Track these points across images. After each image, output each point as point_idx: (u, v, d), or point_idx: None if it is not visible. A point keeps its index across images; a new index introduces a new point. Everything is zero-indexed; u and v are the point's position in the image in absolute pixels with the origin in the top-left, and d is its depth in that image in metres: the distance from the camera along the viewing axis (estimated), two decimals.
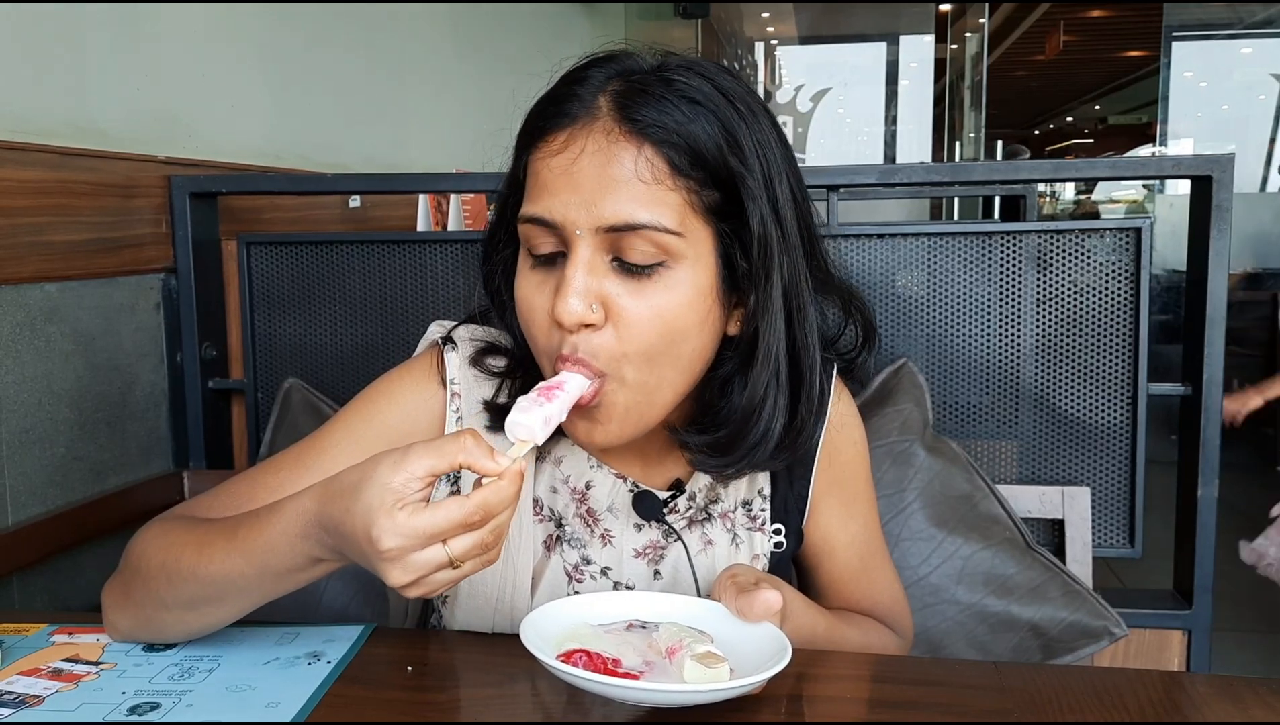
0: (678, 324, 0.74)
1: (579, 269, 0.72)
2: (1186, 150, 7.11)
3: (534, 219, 0.74)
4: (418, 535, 0.62)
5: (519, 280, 0.78)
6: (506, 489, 0.63)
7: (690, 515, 0.89)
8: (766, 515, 0.91)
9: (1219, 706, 0.72)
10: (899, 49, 7.22)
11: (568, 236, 0.73)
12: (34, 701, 0.73)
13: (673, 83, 0.74)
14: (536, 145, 0.75)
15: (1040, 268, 1.42)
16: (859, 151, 7.22)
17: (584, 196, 0.72)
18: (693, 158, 0.73)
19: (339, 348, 1.59)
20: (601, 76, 0.75)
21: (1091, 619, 1.25)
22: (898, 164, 2.61)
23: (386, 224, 2.38)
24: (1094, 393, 1.42)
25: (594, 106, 0.74)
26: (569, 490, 0.88)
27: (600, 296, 0.73)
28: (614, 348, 0.73)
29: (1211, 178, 1.34)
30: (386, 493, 0.63)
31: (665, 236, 0.72)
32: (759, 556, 0.91)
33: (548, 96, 0.77)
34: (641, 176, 0.72)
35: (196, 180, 1.59)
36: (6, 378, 1.30)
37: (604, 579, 0.88)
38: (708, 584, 0.87)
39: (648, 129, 0.72)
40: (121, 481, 1.50)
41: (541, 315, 0.75)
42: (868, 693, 0.76)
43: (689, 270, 0.74)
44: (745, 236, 0.76)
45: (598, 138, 0.72)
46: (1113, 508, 1.43)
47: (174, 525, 0.81)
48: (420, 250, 1.55)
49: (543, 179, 0.74)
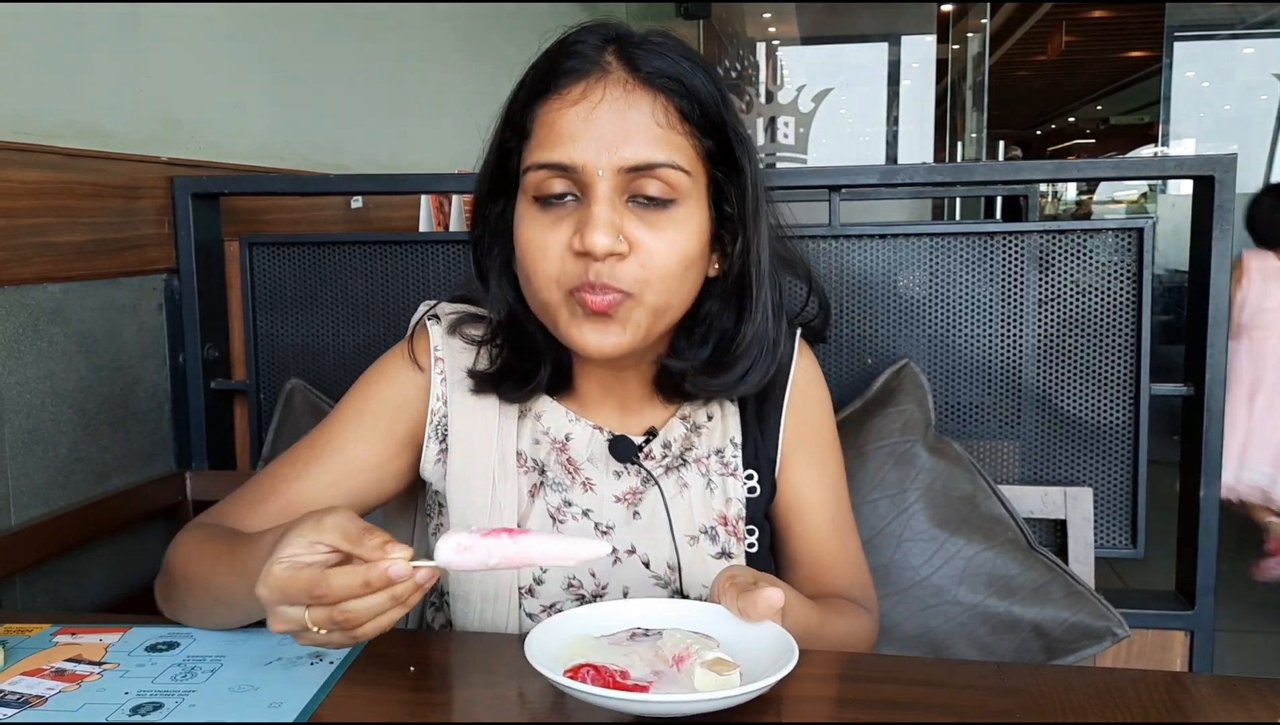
0: (689, 253, 0.83)
1: (603, 206, 0.79)
2: (1188, 150, 7.11)
3: (552, 165, 0.80)
4: (278, 589, 0.67)
5: (524, 224, 0.83)
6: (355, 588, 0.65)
7: (666, 463, 0.94)
8: (739, 461, 0.96)
9: (1222, 707, 0.72)
10: (900, 49, 7.22)
11: (588, 178, 0.80)
12: (37, 702, 0.74)
13: (663, 43, 0.83)
14: (547, 98, 0.82)
15: (1042, 268, 1.42)
16: (860, 152, 7.22)
17: (605, 141, 0.79)
18: (698, 106, 0.82)
19: (341, 348, 1.59)
20: (597, 39, 0.83)
21: (1094, 620, 1.25)
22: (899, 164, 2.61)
23: (389, 225, 2.38)
24: (1096, 393, 1.42)
25: (604, 62, 0.81)
26: (550, 441, 0.94)
27: (622, 230, 0.80)
28: (638, 273, 0.81)
29: (1214, 178, 1.34)
30: (285, 545, 0.68)
31: (678, 175, 0.81)
32: (733, 500, 0.95)
33: (550, 55, 0.83)
34: (658, 121, 0.80)
35: (199, 181, 1.59)
36: (9, 378, 1.30)
37: (585, 520, 0.93)
38: (683, 525, 0.92)
39: (658, 79, 0.80)
40: (124, 482, 1.51)
41: (557, 248, 0.81)
42: (870, 693, 0.76)
43: (693, 208, 0.83)
44: (734, 182, 0.85)
45: (614, 88, 0.80)
46: (1115, 508, 1.43)
47: (200, 535, 0.89)
48: (422, 251, 1.55)
49: (560, 127, 0.80)
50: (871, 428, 1.34)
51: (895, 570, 1.27)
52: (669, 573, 0.92)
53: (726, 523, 0.94)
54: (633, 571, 0.92)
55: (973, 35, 7.53)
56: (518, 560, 0.71)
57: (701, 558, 0.93)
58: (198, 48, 1.74)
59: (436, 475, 0.95)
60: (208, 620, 0.87)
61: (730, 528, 0.94)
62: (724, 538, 0.94)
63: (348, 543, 0.67)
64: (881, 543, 1.28)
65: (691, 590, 0.92)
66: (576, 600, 0.92)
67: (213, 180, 1.61)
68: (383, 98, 2.56)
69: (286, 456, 0.94)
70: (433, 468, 0.95)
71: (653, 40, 0.83)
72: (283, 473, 0.93)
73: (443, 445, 0.94)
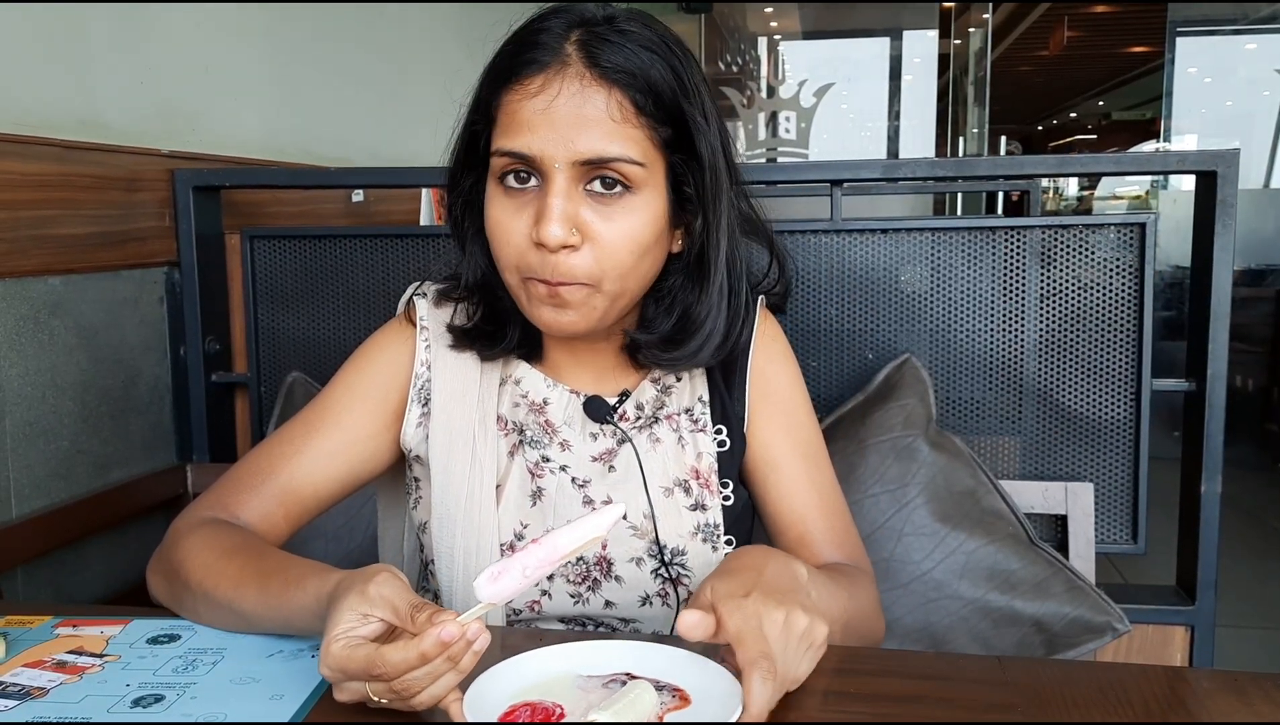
0: (642, 241, 0.85)
1: (558, 197, 0.82)
2: (1191, 146, 7.09)
3: (513, 153, 0.83)
4: (339, 668, 0.67)
5: (491, 206, 0.87)
6: (412, 660, 0.65)
7: (639, 424, 0.98)
8: (707, 418, 0.99)
9: (1223, 701, 0.72)
10: (902, 44, 7.20)
11: (545, 169, 0.82)
12: (39, 694, 0.74)
13: (627, 32, 0.84)
14: (510, 86, 0.84)
15: (1044, 263, 1.42)
16: (862, 147, 7.20)
17: (561, 134, 0.81)
18: (653, 99, 0.83)
19: (342, 342, 1.59)
20: (561, 25, 0.84)
21: (1094, 615, 1.25)
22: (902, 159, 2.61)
23: (389, 218, 2.38)
24: (1097, 388, 1.42)
25: (564, 54, 0.83)
26: (528, 404, 0.97)
27: (576, 222, 0.83)
28: (591, 265, 0.84)
29: (1216, 173, 1.34)
30: (337, 622, 0.67)
31: (631, 167, 0.83)
32: (704, 454, 0.97)
33: (515, 41, 0.86)
34: (612, 116, 0.82)
35: (200, 174, 1.59)
36: (10, 371, 1.30)
37: (562, 475, 0.95)
38: (656, 478, 0.95)
39: (615, 74, 0.82)
40: (125, 475, 1.51)
41: (519, 237, 0.84)
42: (870, 687, 0.76)
43: (649, 195, 0.85)
44: (693, 166, 0.87)
45: (571, 82, 0.82)
46: (1116, 503, 1.43)
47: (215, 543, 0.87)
48: (423, 244, 1.55)
49: (520, 118, 0.83)
50: (873, 422, 1.34)
51: (896, 565, 1.27)
52: (645, 523, 0.94)
53: (699, 476, 0.97)
54: None
55: (974, 30, 7.51)
56: (551, 558, 0.71)
57: (676, 509, 0.95)
58: (199, 41, 1.74)
59: (418, 439, 0.96)
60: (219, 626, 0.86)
61: (703, 481, 0.97)
62: (697, 490, 0.96)
63: (397, 619, 0.68)
64: (882, 537, 1.28)
65: (667, 540, 0.94)
66: None
67: (214, 173, 1.61)
68: (384, 91, 2.56)
69: (281, 434, 0.95)
70: (414, 432, 0.96)
71: (617, 27, 0.84)
72: (279, 451, 0.94)
73: (425, 409, 0.96)
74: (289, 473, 0.93)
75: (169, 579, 0.89)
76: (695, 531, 0.95)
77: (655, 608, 0.94)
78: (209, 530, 0.89)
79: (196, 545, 0.87)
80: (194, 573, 0.85)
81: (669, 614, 0.94)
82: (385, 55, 2.56)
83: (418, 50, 2.78)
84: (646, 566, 0.94)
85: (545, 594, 0.93)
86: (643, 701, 0.67)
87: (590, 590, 0.93)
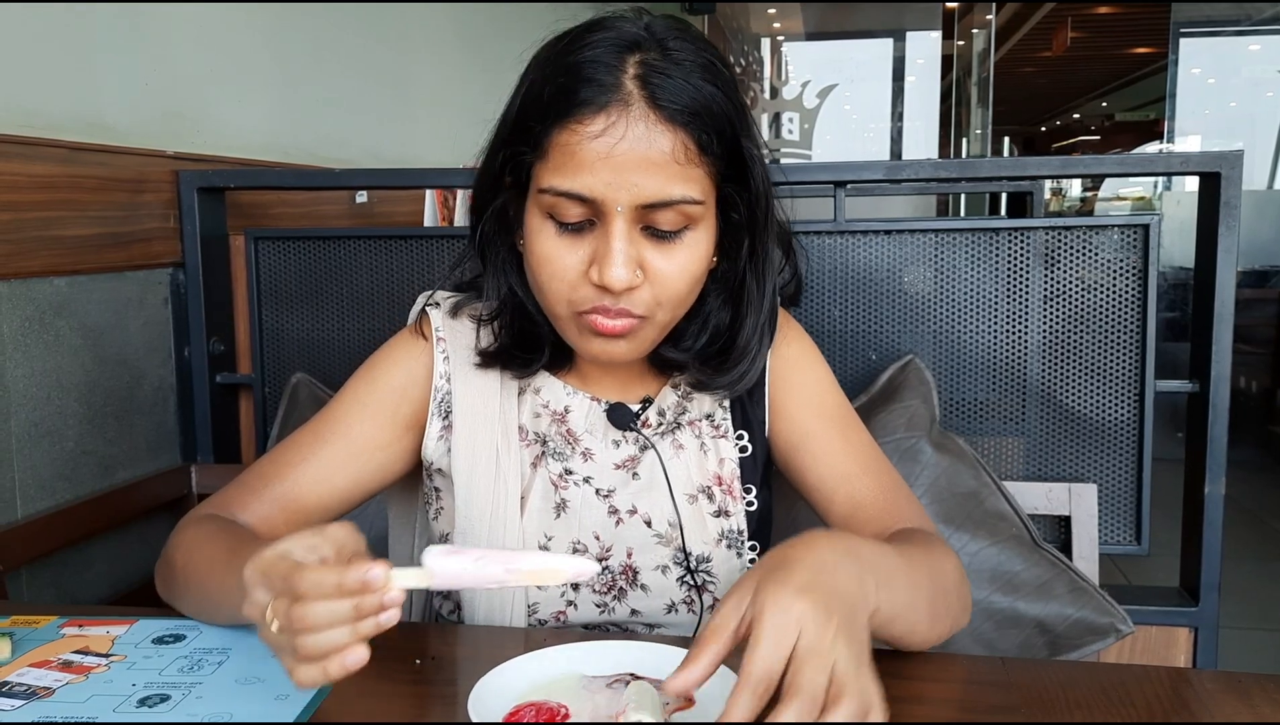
0: (697, 273, 0.85)
1: (621, 241, 0.80)
2: (1194, 147, 7.09)
3: (571, 194, 0.80)
4: (260, 570, 0.66)
5: (540, 240, 0.83)
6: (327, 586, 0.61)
7: (661, 429, 0.97)
8: (729, 423, 0.99)
9: (1227, 703, 0.72)
10: (905, 45, 7.20)
11: (605, 211, 0.80)
12: (45, 693, 0.74)
13: (681, 61, 0.81)
14: (566, 121, 0.80)
15: (1047, 264, 1.42)
16: (865, 148, 7.21)
17: (624, 177, 0.79)
18: (717, 136, 0.81)
19: (346, 343, 1.59)
20: (611, 52, 0.80)
21: (1098, 616, 1.25)
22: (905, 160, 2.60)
23: (393, 219, 2.38)
24: (1101, 389, 1.42)
25: (623, 90, 0.79)
26: (549, 413, 0.96)
27: (638, 261, 0.82)
28: (650, 299, 0.83)
29: (1220, 175, 1.34)
30: (285, 540, 0.67)
31: (693, 207, 0.81)
32: (726, 460, 0.97)
33: (563, 70, 0.81)
34: (677, 159, 0.80)
35: (204, 175, 1.59)
36: (16, 372, 1.30)
37: (586, 487, 0.94)
38: (681, 485, 0.95)
39: (681, 114, 0.79)
40: (130, 475, 1.51)
41: (572, 274, 0.82)
42: None
43: (704, 228, 0.84)
44: (743, 196, 0.86)
45: (636, 125, 0.79)
46: (1119, 505, 1.43)
47: (202, 532, 0.88)
48: (427, 245, 1.55)
49: (579, 158, 0.79)
50: (876, 423, 1.34)
51: None
52: (670, 530, 0.94)
53: (721, 482, 0.97)
54: (635, 531, 0.94)
55: (978, 31, 7.51)
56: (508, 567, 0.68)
57: (700, 516, 0.95)
58: (203, 42, 1.74)
59: (439, 452, 0.95)
60: (202, 616, 0.87)
61: (725, 487, 0.97)
62: (720, 497, 0.96)
63: (338, 558, 0.66)
64: None
65: (693, 547, 0.94)
66: None
67: (218, 174, 1.61)
68: (387, 92, 2.56)
69: (289, 442, 0.95)
70: (435, 445, 0.95)
71: (672, 56, 0.81)
72: (286, 458, 0.93)
73: (446, 422, 0.95)
74: (293, 479, 0.92)
75: (165, 572, 0.90)
76: (720, 538, 0.95)
77: (681, 614, 0.94)
78: (201, 525, 0.89)
79: (187, 539, 0.88)
80: (180, 559, 0.86)
81: (694, 621, 0.94)
82: (389, 56, 2.57)
83: (421, 51, 2.78)
84: (672, 574, 0.94)
85: (571, 604, 0.92)
86: (648, 702, 0.67)
87: (616, 599, 0.93)
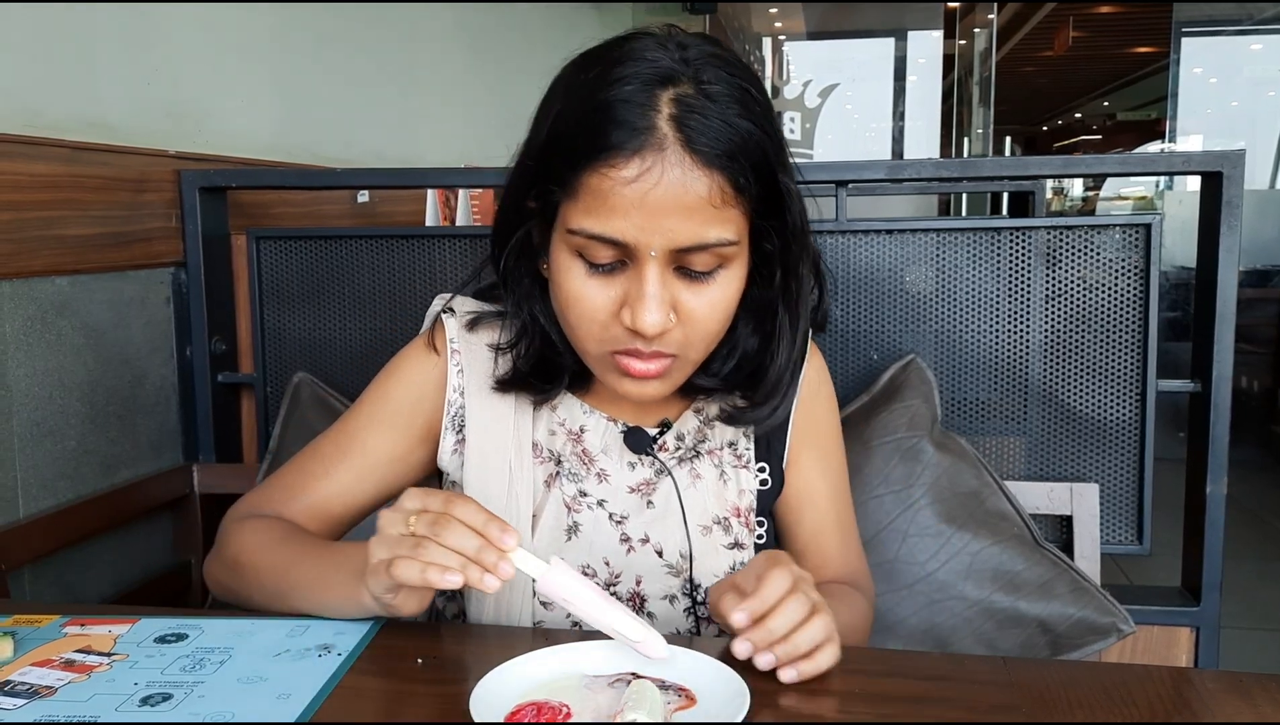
0: (730, 310, 0.84)
1: (655, 285, 0.79)
2: (1196, 147, 7.08)
3: (604, 238, 0.78)
4: (423, 490, 0.75)
5: (568, 278, 0.82)
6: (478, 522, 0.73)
7: (680, 454, 0.96)
8: (751, 454, 0.98)
9: (1229, 702, 0.72)
10: (907, 45, 7.19)
11: (639, 255, 0.78)
12: (47, 692, 0.74)
13: (717, 96, 0.77)
14: (596, 165, 0.77)
15: (1049, 264, 1.42)
16: (866, 147, 7.20)
17: (658, 223, 0.76)
18: (754, 175, 0.79)
19: (348, 342, 1.59)
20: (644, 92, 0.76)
21: (1099, 616, 1.25)
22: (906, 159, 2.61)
23: (395, 219, 2.38)
24: (1102, 389, 1.42)
25: (657, 132, 0.76)
26: (565, 432, 0.95)
27: (672, 303, 0.80)
28: (682, 338, 0.82)
29: (1222, 174, 1.34)
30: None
31: (728, 248, 0.80)
32: (745, 492, 0.96)
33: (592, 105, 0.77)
34: (713, 202, 0.77)
35: (206, 175, 1.59)
36: (18, 371, 1.31)
37: (600, 510, 0.94)
38: (696, 515, 0.94)
39: (717, 158, 0.76)
40: (132, 474, 1.51)
41: (603, 314, 0.81)
42: (875, 687, 0.76)
43: (738, 265, 0.83)
44: (777, 229, 0.84)
45: (671, 169, 0.76)
46: (1121, 504, 1.43)
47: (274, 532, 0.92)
48: (429, 245, 1.55)
49: (613, 201, 0.77)
50: (877, 423, 1.34)
51: (901, 566, 1.27)
52: (681, 562, 0.93)
53: (739, 514, 0.96)
54: (646, 559, 0.93)
55: (979, 31, 7.50)
56: (593, 611, 0.74)
57: (714, 548, 0.94)
58: (205, 42, 1.74)
59: (454, 465, 0.96)
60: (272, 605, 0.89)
61: (743, 519, 0.96)
62: (736, 528, 0.95)
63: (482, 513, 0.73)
64: (887, 538, 1.28)
65: (703, 579, 0.93)
66: None
67: (220, 174, 1.62)
68: (389, 92, 2.56)
69: (312, 451, 0.98)
70: (450, 458, 0.96)
71: (707, 90, 0.77)
72: (310, 469, 0.96)
73: (459, 435, 0.95)
74: (318, 492, 0.95)
75: (227, 570, 0.93)
76: (731, 569, 0.94)
77: None
78: (260, 522, 0.93)
79: (254, 537, 0.91)
80: (251, 556, 0.90)
81: None
82: (391, 56, 2.57)
83: (423, 51, 2.78)
84: (679, 604, 0.94)
85: (576, 626, 0.92)
86: (649, 701, 0.68)
87: None
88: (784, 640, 0.73)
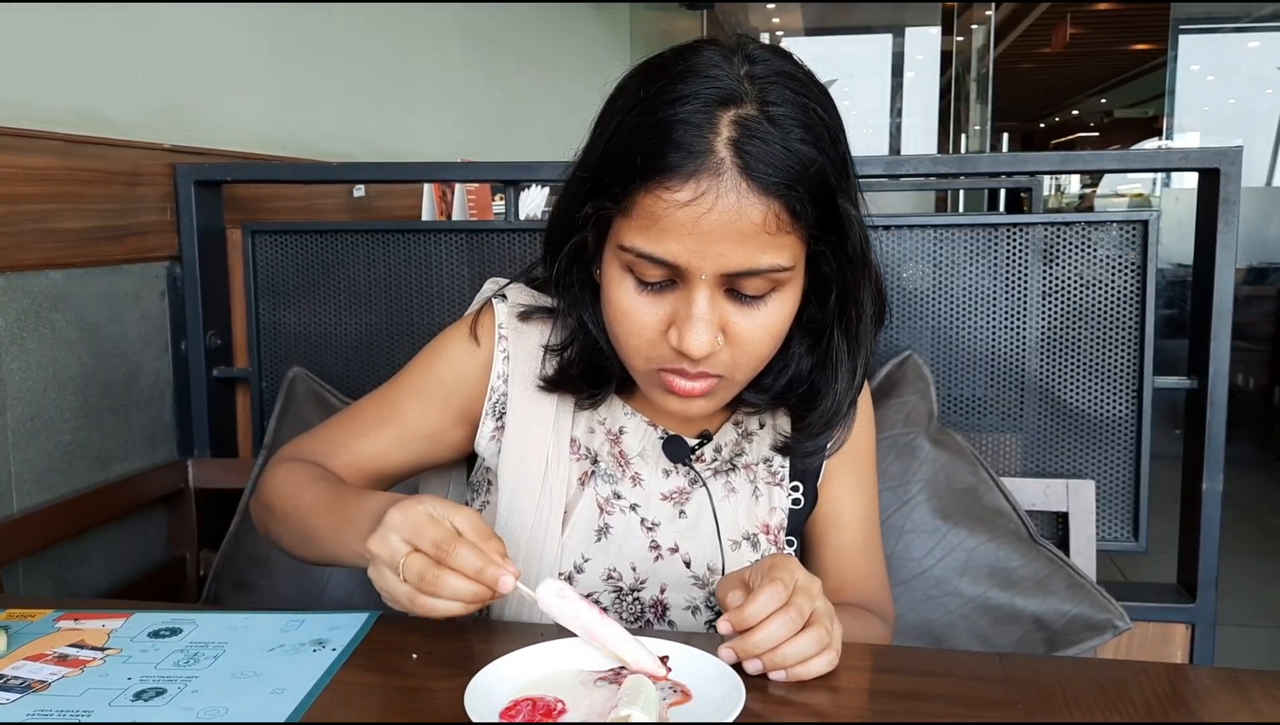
0: (780, 333, 0.83)
1: (704, 307, 0.78)
2: (1193, 144, 7.09)
3: (656, 258, 0.77)
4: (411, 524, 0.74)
5: (619, 293, 0.81)
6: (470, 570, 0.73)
7: (716, 466, 0.95)
8: (786, 472, 0.97)
9: (1224, 698, 0.72)
10: (905, 41, 7.20)
11: (689, 277, 0.77)
12: (40, 686, 0.74)
13: (780, 120, 0.75)
14: (652, 184, 0.75)
15: (1046, 261, 1.42)
16: (864, 144, 7.20)
17: (711, 247, 0.75)
18: (812, 201, 0.76)
19: (344, 337, 1.59)
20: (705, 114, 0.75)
21: (1095, 612, 1.25)
22: (904, 156, 2.60)
23: (391, 213, 2.38)
24: (1099, 386, 1.42)
25: (715, 156, 0.74)
26: (604, 431, 0.95)
27: (721, 325, 0.79)
28: (730, 361, 0.81)
29: (1219, 171, 1.34)
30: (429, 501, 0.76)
31: (781, 274, 0.78)
32: (776, 509, 0.96)
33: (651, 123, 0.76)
34: (768, 229, 0.75)
35: (202, 169, 1.59)
36: (12, 365, 1.30)
37: (632, 514, 0.93)
38: (728, 529, 0.93)
39: (775, 186, 0.74)
40: (126, 469, 1.51)
41: (651, 332, 0.81)
42: (871, 683, 0.76)
43: (792, 288, 0.81)
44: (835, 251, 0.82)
45: (727, 196, 0.74)
46: (1117, 501, 1.43)
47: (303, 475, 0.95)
48: (425, 240, 1.55)
49: (666, 223, 0.75)
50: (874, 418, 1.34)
51: (897, 562, 1.27)
52: (708, 574, 0.93)
53: (769, 531, 0.95)
54: (673, 569, 0.93)
55: (977, 27, 7.50)
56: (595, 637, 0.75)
57: (742, 563, 0.92)
58: (201, 35, 1.74)
59: (490, 452, 0.95)
60: (297, 549, 0.94)
61: (772, 537, 0.95)
62: (765, 546, 0.95)
63: (476, 536, 0.74)
64: (884, 534, 1.28)
65: None
66: (614, 592, 0.92)
67: (215, 167, 1.61)
68: (386, 86, 2.55)
69: (354, 412, 1.00)
70: (487, 443, 0.95)
71: (770, 113, 0.75)
72: (352, 429, 0.99)
73: (499, 423, 0.95)
74: (357, 451, 0.98)
75: (262, 509, 0.97)
76: None
77: None
78: (296, 466, 0.96)
79: (289, 478, 0.94)
80: (280, 500, 0.93)
81: None
82: (387, 50, 2.56)
83: (420, 46, 2.78)
84: (701, 616, 0.93)
85: None
86: (644, 696, 0.67)
87: (640, 630, 0.92)
88: (770, 653, 0.72)
